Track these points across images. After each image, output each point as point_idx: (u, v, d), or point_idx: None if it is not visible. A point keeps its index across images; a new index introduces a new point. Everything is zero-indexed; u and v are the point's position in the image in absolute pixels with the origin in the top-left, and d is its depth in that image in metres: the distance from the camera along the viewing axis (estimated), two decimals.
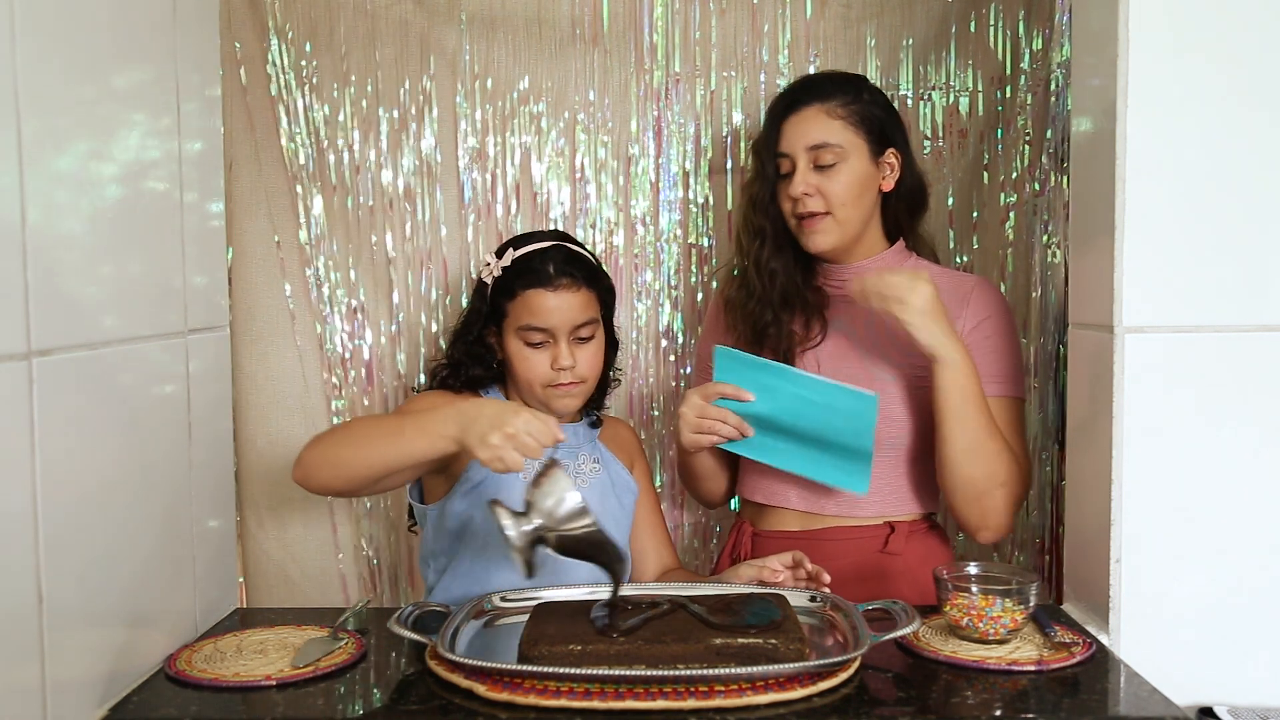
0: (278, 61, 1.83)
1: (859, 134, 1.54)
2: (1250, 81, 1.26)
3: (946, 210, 1.91)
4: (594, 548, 1.25)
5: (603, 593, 1.37)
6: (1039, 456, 1.92)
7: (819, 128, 1.53)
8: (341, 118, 1.85)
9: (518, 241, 1.55)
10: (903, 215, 1.61)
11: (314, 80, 1.84)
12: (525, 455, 1.23)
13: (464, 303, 1.89)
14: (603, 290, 1.55)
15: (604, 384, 1.62)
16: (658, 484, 1.92)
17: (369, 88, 1.85)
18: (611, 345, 1.60)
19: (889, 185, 1.57)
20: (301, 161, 1.85)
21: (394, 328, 1.90)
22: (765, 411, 1.49)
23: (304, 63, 1.83)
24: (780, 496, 1.59)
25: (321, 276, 1.87)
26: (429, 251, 1.89)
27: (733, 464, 1.66)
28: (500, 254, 1.54)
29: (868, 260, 1.59)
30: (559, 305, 1.48)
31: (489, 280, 1.53)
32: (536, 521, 1.21)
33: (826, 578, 1.39)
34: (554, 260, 1.49)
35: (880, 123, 1.55)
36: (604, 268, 1.59)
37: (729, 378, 1.50)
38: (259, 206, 1.85)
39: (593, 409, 1.61)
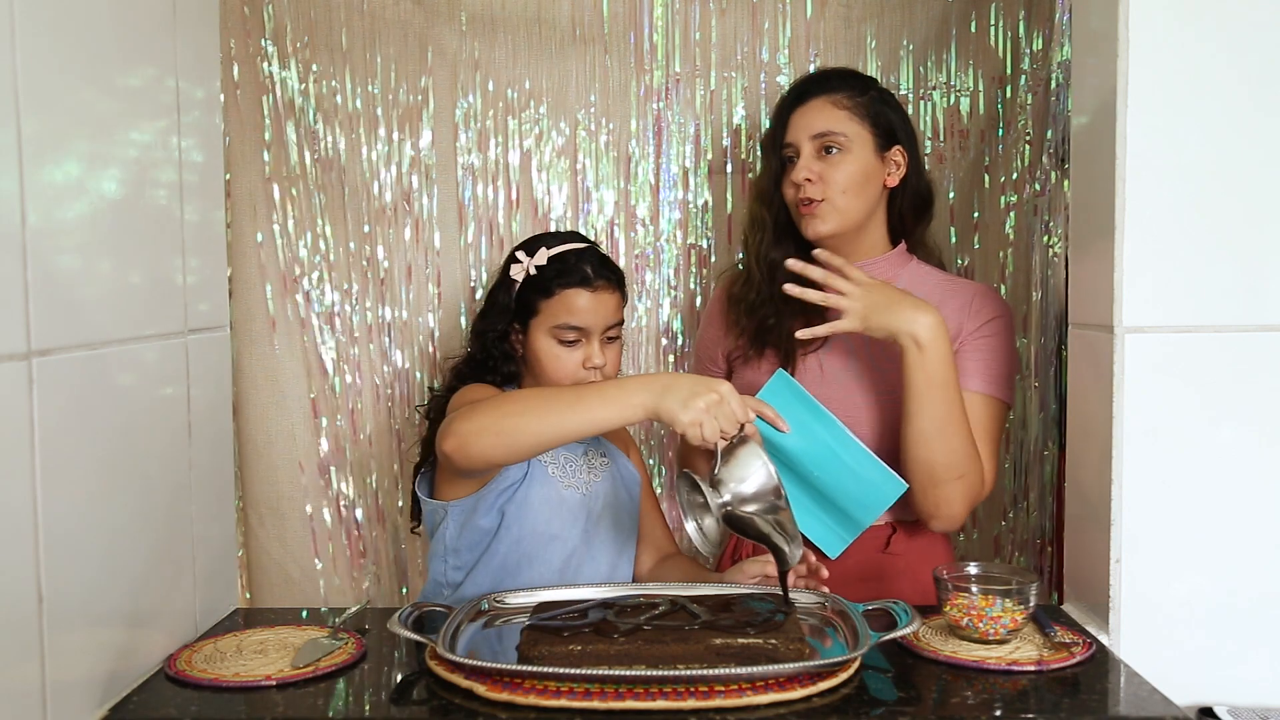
0: (276, 62, 1.83)
1: (864, 126, 1.54)
2: (1250, 81, 1.26)
3: (947, 210, 1.91)
4: (772, 527, 1.23)
5: (604, 592, 1.37)
6: (1040, 457, 1.92)
7: (824, 117, 1.54)
8: (340, 118, 1.85)
9: (548, 240, 1.56)
10: (908, 218, 1.61)
11: (312, 80, 1.84)
12: (725, 428, 1.23)
13: (463, 303, 1.90)
14: (625, 293, 1.57)
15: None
16: (656, 484, 1.93)
17: (368, 88, 1.85)
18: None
19: (894, 181, 1.57)
20: (300, 162, 1.85)
21: (391, 327, 1.90)
22: (790, 447, 1.50)
23: (302, 63, 1.84)
24: None
25: (320, 277, 1.87)
26: (427, 252, 1.89)
27: None
28: (531, 252, 1.54)
29: (869, 261, 1.59)
30: (597, 306, 1.49)
31: (519, 277, 1.53)
32: (726, 496, 1.21)
33: (824, 573, 1.39)
34: (591, 262, 1.51)
35: (888, 118, 1.56)
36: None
37: (775, 402, 1.50)
38: (258, 207, 1.85)
39: None
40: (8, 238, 0.96)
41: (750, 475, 1.22)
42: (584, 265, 1.50)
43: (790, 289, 1.48)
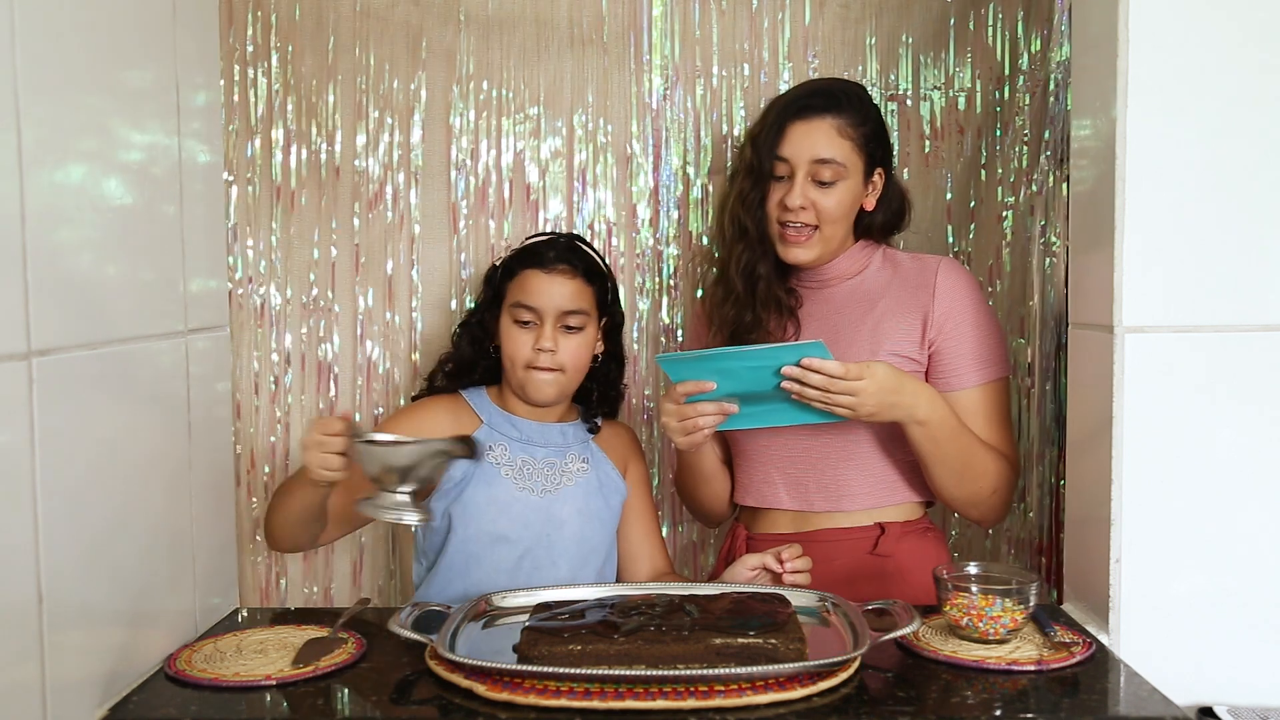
0: (273, 61, 1.83)
1: (860, 156, 1.53)
2: (1250, 81, 1.26)
3: (945, 209, 1.92)
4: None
5: (604, 592, 1.37)
6: (1039, 457, 1.92)
7: (830, 144, 1.51)
8: (339, 118, 1.85)
9: (535, 235, 1.63)
10: (876, 232, 1.61)
11: (311, 80, 1.84)
12: (325, 462, 1.31)
13: (454, 303, 1.90)
14: (600, 289, 1.57)
15: (610, 393, 1.65)
16: (655, 481, 1.92)
17: (365, 86, 1.85)
18: (617, 359, 1.65)
19: (871, 204, 1.58)
20: (298, 162, 1.85)
21: (386, 328, 1.90)
22: (734, 389, 1.48)
23: (300, 63, 1.83)
24: (771, 498, 1.59)
25: (317, 277, 1.87)
26: (424, 252, 1.89)
27: (731, 462, 1.65)
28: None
29: (837, 260, 1.59)
30: (549, 288, 1.52)
31: (498, 264, 1.61)
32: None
33: (792, 559, 1.43)
34: (556, 247, 1.56)
35: (879, 144, 1.56)
36: (612, 273, 1.64)
37: (683, 377, 1.49)
38: (255, 206, 1.85)
39: (594, 415, 1.63)
40: (8, 238, 0.96)
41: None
42: (547, 250, 1.55)
43: (789, 386, 1.41)
